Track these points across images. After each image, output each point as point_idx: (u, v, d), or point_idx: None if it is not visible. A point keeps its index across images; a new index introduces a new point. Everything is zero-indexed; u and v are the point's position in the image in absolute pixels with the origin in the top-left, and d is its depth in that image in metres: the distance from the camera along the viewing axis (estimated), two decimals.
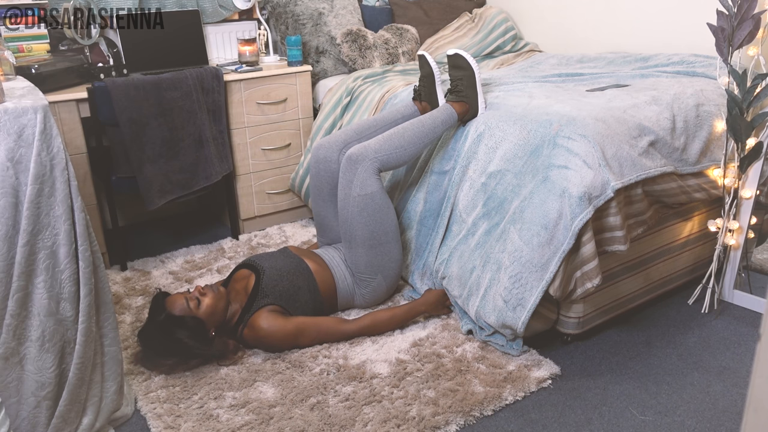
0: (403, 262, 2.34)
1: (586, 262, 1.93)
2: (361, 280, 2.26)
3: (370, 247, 2.21)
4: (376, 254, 2.22)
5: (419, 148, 2.27)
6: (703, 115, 2.22)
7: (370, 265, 2.24)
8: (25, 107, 1.48)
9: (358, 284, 2.27)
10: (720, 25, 2.12)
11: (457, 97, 2.33)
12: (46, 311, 1.55)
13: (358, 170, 2.16)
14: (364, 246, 2.21)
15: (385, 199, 2.21)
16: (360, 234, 2.19)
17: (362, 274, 2.25)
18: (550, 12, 3.47)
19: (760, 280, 2.35)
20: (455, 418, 1.77)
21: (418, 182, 2.46)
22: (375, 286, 2.27)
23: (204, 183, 2.74)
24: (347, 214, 2.19)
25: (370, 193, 2.16)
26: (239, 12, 3.22)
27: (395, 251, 2.27)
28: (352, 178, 2.17)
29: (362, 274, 2.25)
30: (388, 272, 2.27)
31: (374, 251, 2.22)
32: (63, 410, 1.62)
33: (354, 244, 2.22)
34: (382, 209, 2.19)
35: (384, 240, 2.22)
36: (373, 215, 2.18)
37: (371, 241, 2.20)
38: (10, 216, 1.47)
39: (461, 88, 2.32)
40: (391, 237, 2.23)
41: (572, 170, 1.91)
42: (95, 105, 2.48)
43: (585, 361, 2.05)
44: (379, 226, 2.19)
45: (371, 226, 2.18)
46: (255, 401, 1.86)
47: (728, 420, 1.77)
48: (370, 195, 2.16)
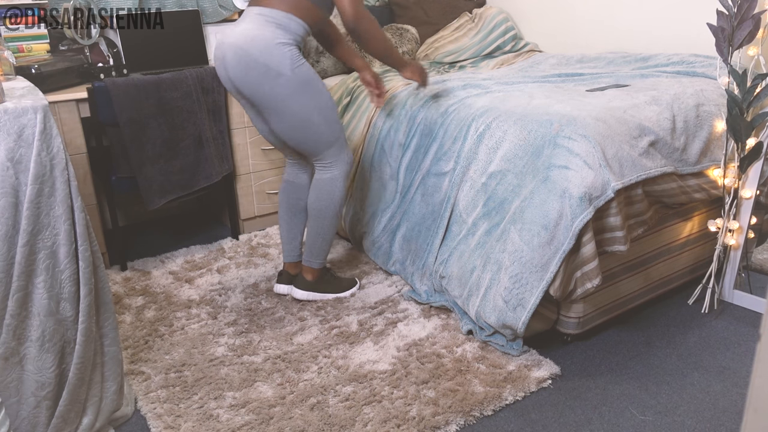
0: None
1: (586, 262, 1.93)
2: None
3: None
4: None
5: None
6: (703, 115, 2.22)
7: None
8: (25, 107, 1.48)
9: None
10: (720, 25, 2.12)
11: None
12: (46, 311, 1.55)
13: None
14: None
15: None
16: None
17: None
18: (550, 12, 3.47)
19: (760, 280, 2.35)
20: (455, 418, 1.77)
21: (417, 184, 2.46)
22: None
23: (204, 183, 2.74)
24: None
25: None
26: (239, 12, 3.22)
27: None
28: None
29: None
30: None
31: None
32: (63, 410, 1.62)
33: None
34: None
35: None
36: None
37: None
38: (10, 216, 1.47)
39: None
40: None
41: (573, 170, 1.91)
42: (95, 105, 2.48)
43: (585, 361, 2.05)
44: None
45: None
46: (255, 401, 1.86)
47: (728, 420, 1.77)
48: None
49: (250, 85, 2.05)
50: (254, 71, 2.02)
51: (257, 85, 2.04)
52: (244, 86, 2.06)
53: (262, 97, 2.06)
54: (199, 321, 2.30)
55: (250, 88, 2.05)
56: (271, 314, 2.33)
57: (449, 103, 2.43)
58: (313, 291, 2.41)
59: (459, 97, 2.46)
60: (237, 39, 2.02)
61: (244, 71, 2.02)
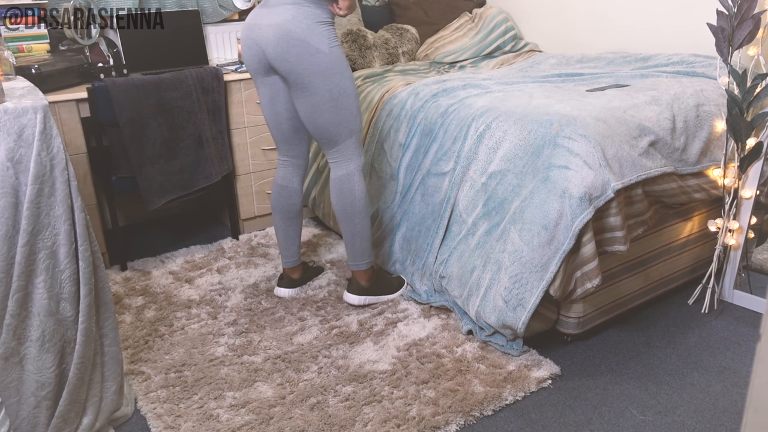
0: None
1: (586, 262, 1.93)
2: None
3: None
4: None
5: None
6: (703, 115, 2.22)
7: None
8: (25, 107, 1.48)
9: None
10: (720, 25, 2.12)
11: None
12: (46, 311, 1.55)
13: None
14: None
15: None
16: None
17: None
18: (550, 12, 3.47)
19: (760, 280, 2.35)
20: (455, 418, 1.77)
21: (417, 184, 2.46)
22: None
23: (204, 183, 2.74)
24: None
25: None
26: (239, 12, 3.22)
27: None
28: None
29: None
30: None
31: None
32: (63, 410, 1.62)
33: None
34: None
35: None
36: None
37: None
38: (10, 216, 1.47)
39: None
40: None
41: (573, 170, 1.91)
42: (95, 105, 2.48)
43: (585, 361, 2.05)
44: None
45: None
46: (255, 401, 1.86)
47: (728, 420, 1.77)
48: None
49: (289, 63, 2.08)
50: (295, 48, 2.06)
51: (296, 63, 2.08)
52: (283, 64, 2.09)
53: (299, 73, 2.09)
54: (199, 321, 2.30)
55: (289, 65, 2.09)
56: (271, 314, 2.33)
57: (449, 103, 2.43)
58: (368, 295, 2.39)
59: (459, 97, 2.46)
60: (277, 19, 2.06)
61: (286, 48, 2.06)
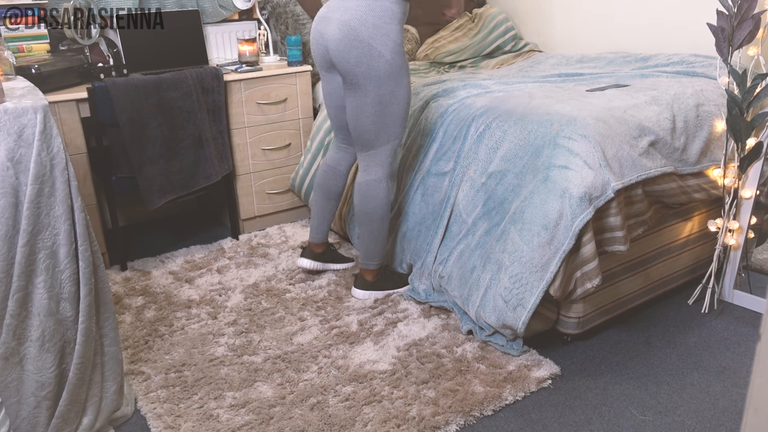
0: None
1: (586, 262, 1.93)
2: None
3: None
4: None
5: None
6: (703, 115, 2.22)
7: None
8: (25, 107, 1.48)
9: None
10: (720, 25, 2.12)
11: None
12: (46, 311, 1.55)
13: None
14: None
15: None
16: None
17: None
18: (550, 12, 3.48)
19: (760, 280, 2.35)
20: (455, 418, 1.77)
21: (416, 184, 2.46)
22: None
23: (204, 183, 2.74)
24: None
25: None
26: (239, 12, 3.22)
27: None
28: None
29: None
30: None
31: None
32: (63, 410, 1.62)
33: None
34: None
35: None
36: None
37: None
38: (10, 216, 1.47)
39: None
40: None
41: (573, 170, 1.91)
42: (95, 105, 2.48)
43: (585, 361, 2.05)
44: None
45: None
46: (255, 401, 1.86)
47: (728, 420, 1.77)
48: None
49: (349, 63, 2.06)
50: (357, 50, 2.03)
51: (356, 65, 2.05)
52: (342, 63, 2.07)
53: (356, 74, 2.07)
54: (199, 321, 2.30)
55: (348, 65, 2.06)
56: (271, 314, 2.33)
57: (449, 103, 2.43)
58: (374, 290, 2.42)
59: (459, 97, 2.46)
60: (346, 16, 2.03)
61: (347, 49, 2.03)
